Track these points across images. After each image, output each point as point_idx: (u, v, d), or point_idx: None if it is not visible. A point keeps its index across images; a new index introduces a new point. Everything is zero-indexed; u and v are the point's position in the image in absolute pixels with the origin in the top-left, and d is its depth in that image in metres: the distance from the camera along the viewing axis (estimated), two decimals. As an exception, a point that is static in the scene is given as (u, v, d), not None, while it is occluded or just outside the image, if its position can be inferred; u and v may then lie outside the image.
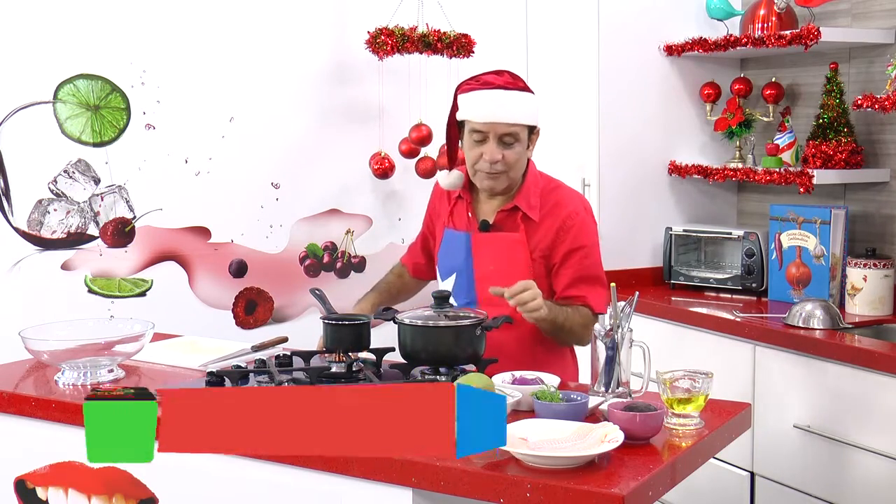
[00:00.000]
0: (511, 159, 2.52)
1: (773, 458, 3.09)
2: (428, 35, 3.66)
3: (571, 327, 2.53)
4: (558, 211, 2.59)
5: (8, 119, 3.43)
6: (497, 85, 2.53)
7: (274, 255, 3.85)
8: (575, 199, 2.66)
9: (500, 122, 2.50)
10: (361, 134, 3.86)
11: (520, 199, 2.59)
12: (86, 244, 3.57)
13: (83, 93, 3.52)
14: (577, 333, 2.56)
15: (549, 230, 2.58)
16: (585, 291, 2.57)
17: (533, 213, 2.58)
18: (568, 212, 2.59)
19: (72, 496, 2.30)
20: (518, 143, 2.53)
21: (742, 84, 3.77)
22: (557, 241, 2.57)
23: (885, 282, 3.21)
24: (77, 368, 2.43)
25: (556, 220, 2.58)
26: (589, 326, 2.51)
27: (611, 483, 1.76)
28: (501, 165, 2.52)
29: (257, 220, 3.81)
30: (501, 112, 2.50)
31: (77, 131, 3.52)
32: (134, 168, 3.61)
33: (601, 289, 2.59)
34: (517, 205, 2.59)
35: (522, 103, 2.53)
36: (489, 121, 2.50)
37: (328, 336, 2.44)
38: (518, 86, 2.56)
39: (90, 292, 3.57)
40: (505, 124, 2.50)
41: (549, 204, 2.60)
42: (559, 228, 2.57)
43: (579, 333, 2.56)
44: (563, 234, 2.57)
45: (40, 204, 3.50)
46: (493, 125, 2.50)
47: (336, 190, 3.91)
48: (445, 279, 2.69)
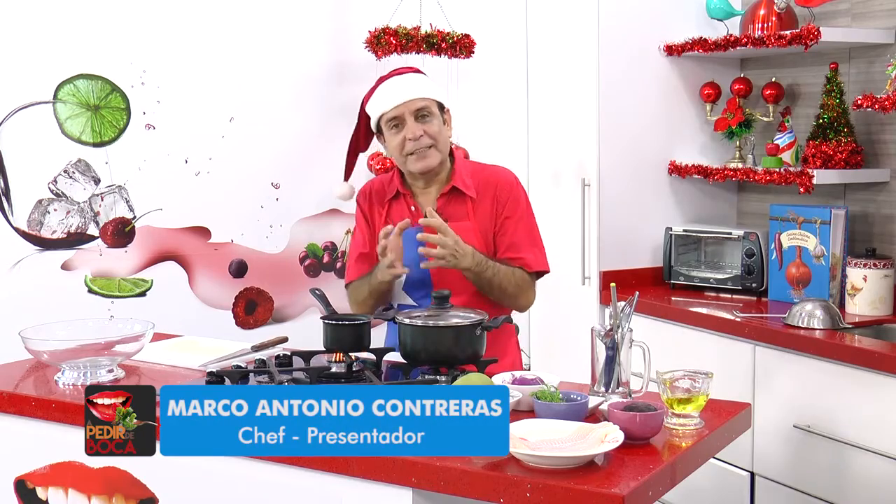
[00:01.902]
0: (433, 132, 2.64)
1: (773, 458, 3.09)
2: (432, 35, 3.66)
3: (501, 283, 2.62)
4: (492, 185, 2.71)
5: (8, 119, 3.43)
6: (395, 74, 2.70)
7: (274, 255, 3.85)
8: (503, 172, 2.77)
9: (410, 99, 2.63)
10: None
11: (456, 180, 2.70)
12: (86, 244, 3.57)
13: (83, 93, 3.52)
14: (509, 292, 2.64)
15: (489, 206, 2.70)
16: (521, 253, 2.68)
17: (470, 192, 2.69)
18: (500, 185, 2.71)
19: (72, 496, 2.30)
20: (434, 118, 2.65)
21: (742, 84, 3.77)
22: (495, 213, 2.69)
23: (885, 282, 3.21)
24: (77, 368, 2.43)
25: (490, 195, 2.70)
26: (524, 286, 2.67)
27: (611, 483, 1.76)
28: (427, 139, 2.63)
29: (257, 220, 3.81)
30: (407, 91, 2.64)
31: (77, 131, 3.53)
32: (134, 168, 3.61)
33: (536, 249, 2.71)
34: (455, 185, 2.69)
35: (422, 82, 2.69)
36: (400, 102, 2.63)
37: (328, 336, 2.44)
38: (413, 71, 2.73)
39: (90, 292, 3.58)
40: (415, 100, 2.63)
41: (482, 182, 2.72)
42: (494, 201, 2.69)
43: (512, 293, 2.65)
44: (498, 206, 2.70)
45: (40, 204, 3.50)
46: (406, 104, 2.63)
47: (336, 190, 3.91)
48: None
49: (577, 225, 3.82)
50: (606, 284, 3.58)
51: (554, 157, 3.99)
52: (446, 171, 2.73)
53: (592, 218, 3.77)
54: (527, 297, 2.71)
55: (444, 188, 2.71)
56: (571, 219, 3.84)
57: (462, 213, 2.68)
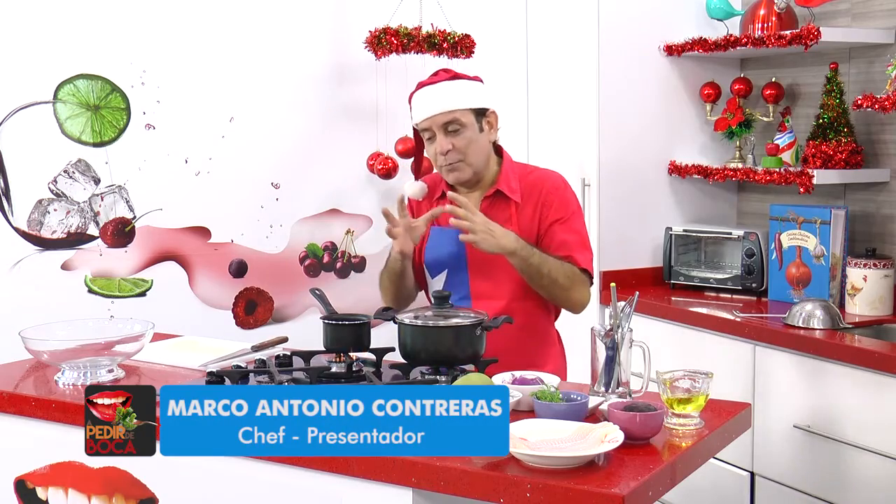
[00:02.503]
0: (461, 145, 2.58)
1: (773, 458, 3.09)
2: (434, 35, 3.66)
3: (550, 272, 2.53)
4: (537, 190, 2.65)
5: (8, 119, 3.43)
6: (429, 83, 2.63)
7: (274, 255, 3.85)
8: (551, 175, 2.71)
9: (436, 113, 2.58)
10: (361, 134, 3.87)
11: (501, 184, 2.65)
12: (86, 244, 3.57)
13: (83, 93, 3.52)
14: (560, 283, 2.55)
15: (533, 210, 2.63)
16: (569, 251, 2.60)
17: (515, 196, 2.63)
18: (547, 188, 2.65)
19: (72, 496, 2.30)
20: (465, 129, 2.58)
21: (742, 84, 3.77)
22: (541, 217, 2.63)
23: (885, 282, 3.21)
24: (77, 368, 2.43)
25: (536, 199, 2.64)
26: (576, 280, 2.57)
27: (611, 483, 1.76)
28: (455, 154, 2.58)
29: (257, 220, 3.81)
30: (435, 105, 2.58)
31: (77, 131, 3.53)
32: (134, 168, 3.61)
33: (585, 250, 2.64)
34: (499, 188, 2.64)
35: (456, 91, 2.61)
36: (426, 116, 2.59)
37: (328, 336, 2.44)
38: (448, 77, 2.64)
39: (90, 292, 3.58)
40: (442, 114, 2.57)
41: (528, 185, 2.66)
42: (541, 205, 2.63)
43: (564, 284, 2.56)
44: (545, 210, 2.63)
45: (40, 204, 3.50)
46: (432, 119, 2.58)
47: (336, 190, 3.91)
48: (435, 276, 2.70)
49: (577, 225, 3.82)
50: (606, 284, 3.58)
51: (554, 157, 3.98)
52: (492, 174, 2.66)
53: (592, 218, 3.77)
54: (580, 294, 2.60)
55: (489, 191, 2.65)
56: (571, 219, 3.84)
57: (505, 216, 2.62)
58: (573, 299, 2.61)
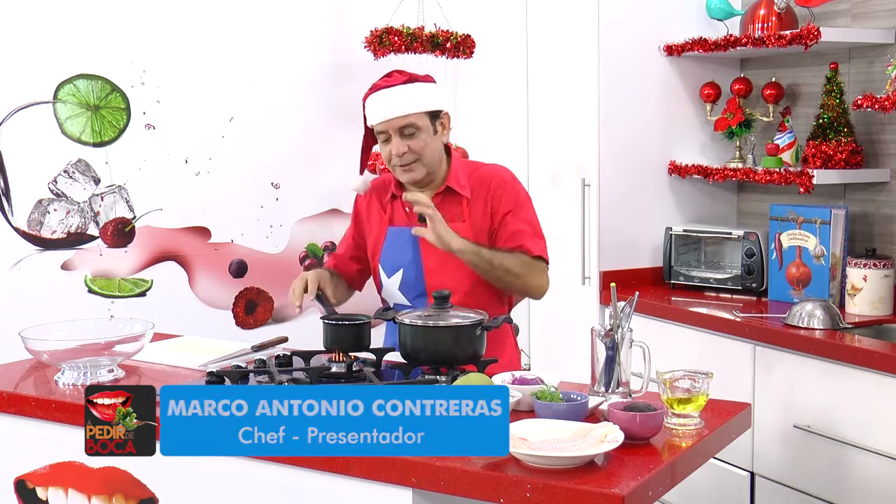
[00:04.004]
0: (417, 147, 2.64)
1: (773, 458, 3.09)
2: (437, 35, 3.66)
3: (503, 263, 2.59)
4: (486, 185, 2.71)
5: (8, 119, 3.43)
6: (384, 86, 2.67)
7: (274, 255, 3.85)
8: (498, 170, 2.77)
9: (393, 117, 2.63)
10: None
11: (450, 181, 2.71)
12: (86, 244, 3.57)
13: (83, 93, 3.52)
14: (514, 272, 2.61)
15: (483, 205, 2.69)
16: (521, 240, 2.66)
17: (465, 192, 2.69)
18: (495, 183, 2.71)
19: (72, 496, 2.30)
20: (420, 132, 2.64)
21: (742, 84, 3.77)
22: (492, 211, 2.69)
23: (885, 282, 3.21)
24: (77, 368, 2.43)
25: (486, 194, 2.70)
26: (530, 267, 2.64)
27: (611, 483, 1.76)
28: (410, 156, 2.64)
29: (257, 220, 3.81)
30: (392, 108, 2.63)
31: (77, 131, 3.53)
32: (134, 168, 3.61)
33: (538, 238, 2.69)
34: (449, 185, 2.70)
35: (411, 95, 2.66)
36: (383, 120, 2.64)
37: (328, 336, 2.44)
38: (403, 80, 2.68)
39: (90, 292, 3.58)
40: (398, 118, 2.62)
41: (476, 181, 2.72)
42: (491, 199, 2.69)
43: (519, 272, 2.62)
44: (495, 203, 2.68)
45: (40, 204, 3.50)
46: (389, 122, 2.63)
47: (336, 190, 3.91)
48: (391, 276, 2.73)
49: (577, 225, 3.82)
50: (606, 284, 3.58)
51: (554, 157, 3.99)
52: (442, 172, 2.73)
53: (592, 218, 3.77)
54: (537, 279, 2.67)
55: (439, 188, 2.71)
56: (571, 219, 3.84)
57: (456, 212, 2.68)
58: (530, 286, 2.68)
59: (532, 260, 2.65)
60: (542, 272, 2.68)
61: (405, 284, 2.71)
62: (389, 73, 2.74)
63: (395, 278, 2.72)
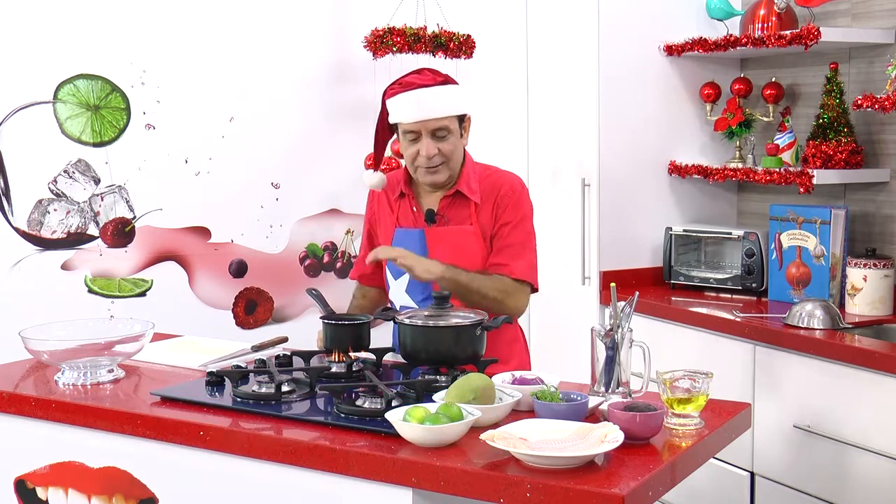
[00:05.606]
0: (447, 150, 2.63)
1: (773, 458, 3.09)
2: (439, 35, 3.67)
3: (480, 288, 2.58)
4: (496, 190, 2.70)
5: (8, 119, 3.44)
6: (419, 84, 2.63)
7: (274, 255, 3.85)
8: (510, 178, 2.75)
9: (429, 118, 2.60)
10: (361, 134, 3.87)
11: (461, 185, 2.69)
12: (86, 244, 3.57)
13: (83, 93, 3.52)
14: (490, 297, 2.59)
15: (490, 210, 2.68)
16: (506, 259, 2.65)
17: (474, 196, 2.68)
18: (504, 190, 2.70)
19: (72, 496, 2.30)
20: (451, 135, 2.63)
21: (742, 84, 3.77)
22: (496, 217, 2.68)
23: (885, 282, 3.21)
24: (77, 368, 2.43)
25: (494, 199, 2.69)
26: (508, 292, 2.62)
27: (611, 483, 1.76)
28: (439, 158, 2.62)
29: (257, 220, 3.81)
30: (428, 109, 2.60)
31: (77, 131, 3.53)
32: (134, 168, 3.61)
33: (523, 257, 2.67)
34: (459, 189, 2.68)
35: (447, 96, 2.64)
36: (417, 119, 2.60)
37: (328, 336, 2.44)
38: (439, 80, 2.65)
39: (90, 292, 3.58)
40: (434, 120, 2.60)
41: (487, 186, 2.71)
42: (497, 205, 2.68)
43: (494, 297, 2.60)
44: (499, 210, 2.68)
45: (40, 204, 3.50)
46: (423, 123, 2.60)
47: (336, 190, 3.91)
48: (398, 278, 2.72)
49: (577, 225, 3.82)
50: (606, 284, 3.58)
51: (554, 156, 3.99)
52: (455, 177, 2.71)
53: (592, 218, 3.77)
54: (515, 301, 2.64)
55: (449, 191, 2.70)
56: (571, 219, 3.85)
57: (464, 216, 2.68)
58: (508, 308, 2.63)
59: (513, 282, 2.63)
60: (522, 294, 2.66)
61: (412, 287, 2.69)
62: (419, 70, 2.70)
63: (401, 281, 2.71)
